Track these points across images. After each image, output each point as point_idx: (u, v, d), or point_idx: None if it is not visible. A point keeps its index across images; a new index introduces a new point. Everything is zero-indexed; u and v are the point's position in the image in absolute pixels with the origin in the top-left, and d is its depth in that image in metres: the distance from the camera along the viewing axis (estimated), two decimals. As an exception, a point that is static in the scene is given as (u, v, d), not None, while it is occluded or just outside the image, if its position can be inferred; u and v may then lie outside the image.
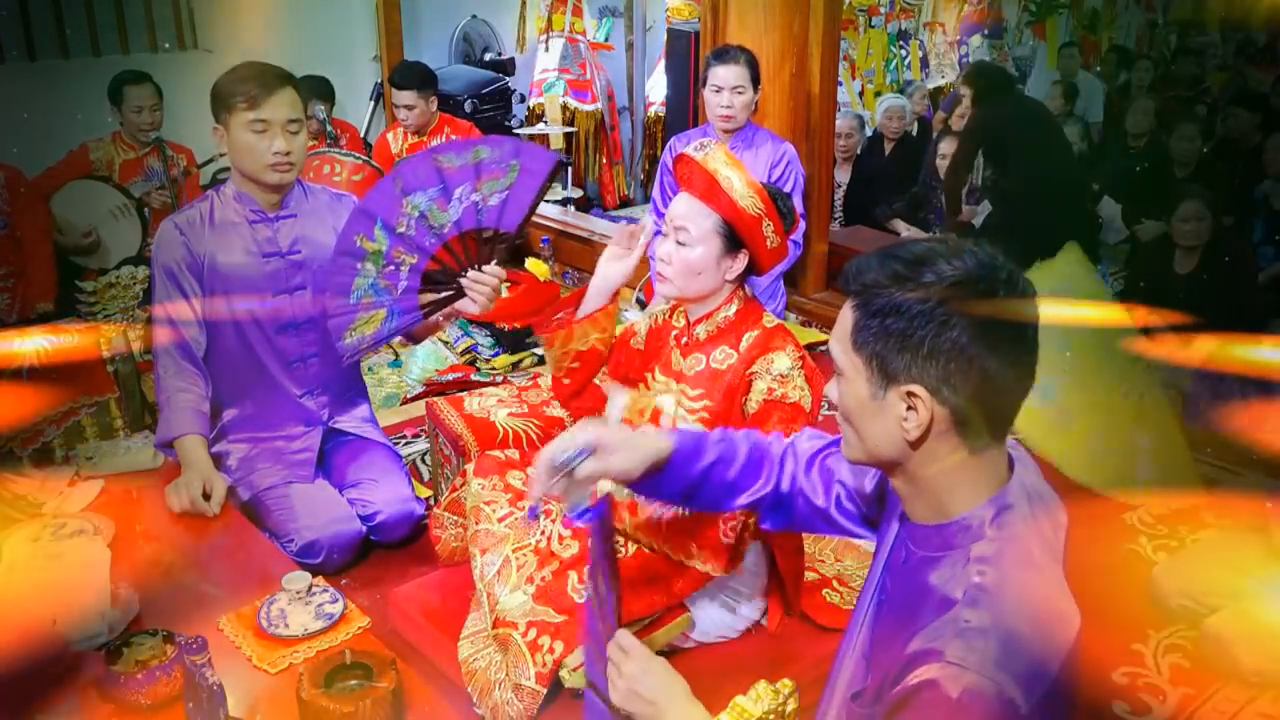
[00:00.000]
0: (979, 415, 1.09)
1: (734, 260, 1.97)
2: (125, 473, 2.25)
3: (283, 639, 1.67)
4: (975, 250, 1.10)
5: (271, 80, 2.35)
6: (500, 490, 2.13)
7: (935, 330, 1.06)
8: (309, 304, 2.52)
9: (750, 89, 3.45)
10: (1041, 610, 1.09)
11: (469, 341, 3.96)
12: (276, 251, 2.47)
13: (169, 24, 4.91)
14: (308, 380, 2.59)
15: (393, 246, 2.30)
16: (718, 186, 1.91)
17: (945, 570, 1.14)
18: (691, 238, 1.94)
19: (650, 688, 1.28)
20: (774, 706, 1.22)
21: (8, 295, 3.78)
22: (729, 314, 2.02)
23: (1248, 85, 7.20)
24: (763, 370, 1.94)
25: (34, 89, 4.47)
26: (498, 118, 5.87)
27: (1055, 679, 1.06)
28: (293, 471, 2.52)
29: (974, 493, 1.15)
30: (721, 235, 1.94)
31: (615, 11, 6.81)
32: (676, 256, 1.96)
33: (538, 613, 1.90)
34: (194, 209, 2.47)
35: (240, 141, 2.36)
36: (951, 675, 1.03)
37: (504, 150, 2.32)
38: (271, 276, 2.47)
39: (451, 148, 2.35)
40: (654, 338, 2.17)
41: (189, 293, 2.42)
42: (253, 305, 2.46)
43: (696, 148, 1.95)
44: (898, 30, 7.92)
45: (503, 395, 2.67)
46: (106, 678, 1.50)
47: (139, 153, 4.15)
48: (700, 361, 2.03)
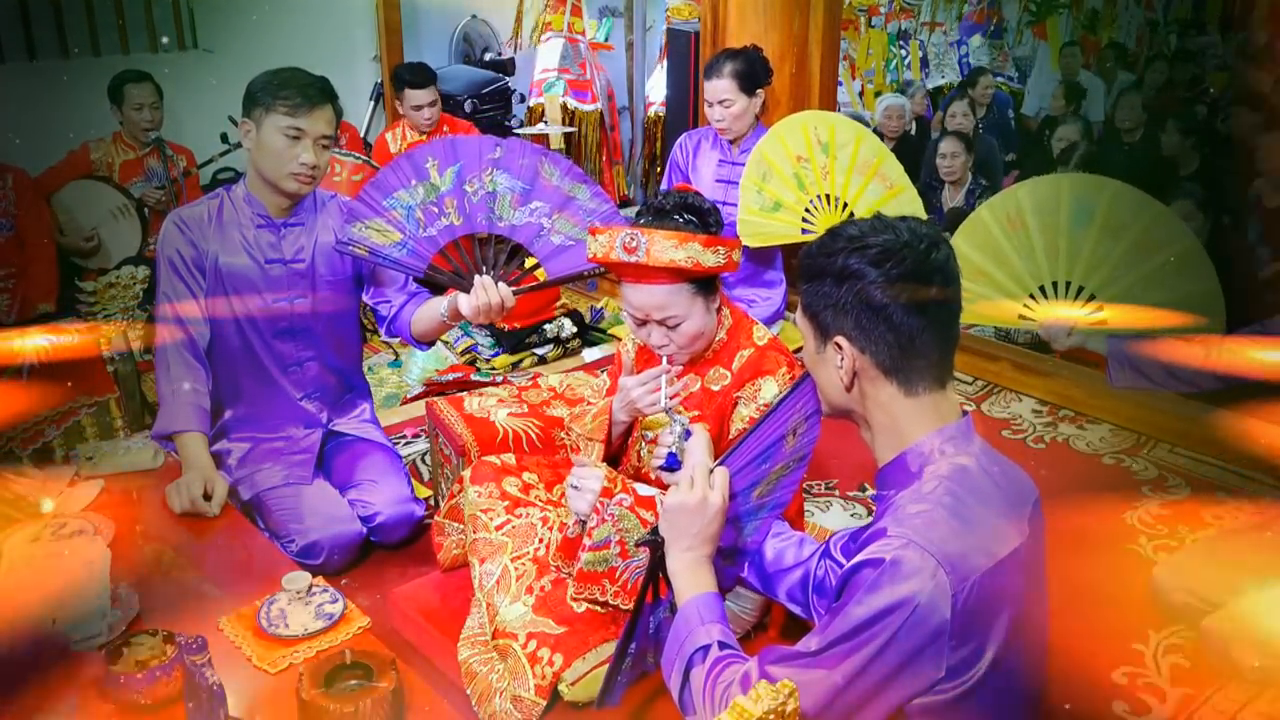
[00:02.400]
0: (899, 359, 1.30)
1: (713, 298, 1.96)
2: (125, 473, 2.25)
3: (283, 639, 1.67)
4: (904, 226, 1.30)
5: (316, 94, 2.35)
6: (497, 498, 2.13)
7: (849, 289, 1.29)
8: (308, 312, 2.52)
9: (740, 98, 3.43)
10: (977, 514, 1.24)
11: (469, 341, 3.96)
12: (279, 258, 2.47)
13: (169, 24, 4.90)
14: (305, 383, 2.60)
15: (451, 195, 2.25)
16: (681, 270, 1.85)
17: (904, 493, 1.30)
18: (679, 315, 1.91)
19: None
20: (774, 706, 1.22)
21: (8, 296, 3.78)
22: (721, 336, 2.02)
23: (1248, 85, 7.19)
24: (749, 396, 1.94)
25: (34, 89, 4.47)
26: (498, 118, 5.87)
27: (987, 594, 1.20)
28: (293, 471, 2.52)
29: (920, 425, 1.32)
30: (699, 292, 1.92)
31: (615, 11, 6.80)
32: (675, 336, 1.93)
33: (537, 624, 1.90)
34: (202, 205, 2.47)
35: (270, 143, 2.34)
36: (886, 544, 1.20)
37: (601, 207, 2.31)
38: (272, 282, 2.47)
39: (562, 165, 2.34)
40: (645, 359, 2.17)
41: (193, 288, 2.41)
42: (252, 307, 2.46)
43: (626, 248, 1.83)
44: (898, 30, 7.91)
45: (503, 395, 2.66)
46: (106, 678, 1.50)
47: (139, 153, 4.15)
48: (695, 382, 2.03)
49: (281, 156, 2.34)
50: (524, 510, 2.12)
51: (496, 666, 1.91)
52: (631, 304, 1.92)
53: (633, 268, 1.87)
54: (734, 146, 3.59)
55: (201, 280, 2.42)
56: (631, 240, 1.84)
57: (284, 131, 2.32)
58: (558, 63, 6.34)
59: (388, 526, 2.53)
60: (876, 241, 1.29)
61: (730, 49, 3.61)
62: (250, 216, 2.45)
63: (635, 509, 1.90)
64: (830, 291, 1.31)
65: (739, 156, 3.55)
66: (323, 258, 2.50)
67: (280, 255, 2.47)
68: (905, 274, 1.27)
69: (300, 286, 2.50)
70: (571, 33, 6.40)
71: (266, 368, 2.54)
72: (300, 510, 2.42)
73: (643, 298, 1.90)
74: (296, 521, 2.40)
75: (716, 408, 1.97)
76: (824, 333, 1.34)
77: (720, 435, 1.97)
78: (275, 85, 2.33)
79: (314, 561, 2.36)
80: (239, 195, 2.47)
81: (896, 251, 1.28)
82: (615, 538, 1.87)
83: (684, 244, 1.82)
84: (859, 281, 1.28)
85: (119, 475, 2.23)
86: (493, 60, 6.25)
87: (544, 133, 6.01)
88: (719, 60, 3.47)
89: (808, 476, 3.02)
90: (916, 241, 1.29)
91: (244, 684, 1.57)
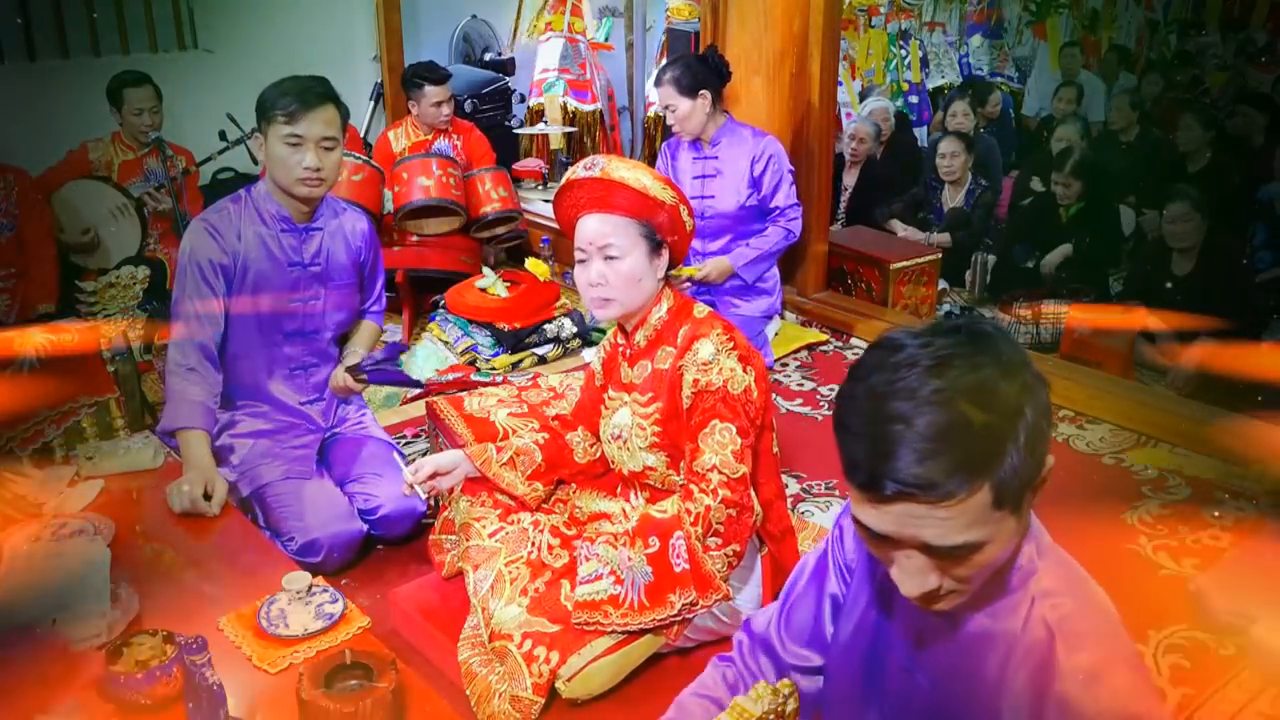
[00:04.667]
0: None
1: (660, 258, 2.01)
2: (125, 473, 2.25)
3: (283, 639, 1.67)
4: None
5: (311, 97, 2.40)
6: (489, 507, 2.14)
7: (1026, 444, 1.03)
8: (318, 312, 2.61)
9: (682, 101, 3.60)
10: (1112, 613, 1.12)
11: (469, 341, 3.96)
12: (300, 262, 2.55)
13: (169, 24, 4.90)
14: (309, 388, 2.67)
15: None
16: (629, 189, 1.93)
17: (1003, 613, 1.12)
18: (620, 248, 1.95)
19: None
20: (774, 706, 1.22)
21: (9, 296, 3.78)
22: (662, 314, 2.04)
23: (1248, 85, 7.20)
24: (690, 362, 1.95)
25: (34, 89, 4.47)
26: (498, 118, 5.87)
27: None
28: (292, 467, 2.54)
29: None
30: (645, 237, 1.97)
31: (615, 11, 6.80)
32: (612, 273, 1.97)
33: (532, 624, 1.91)
34: (226, 210, 2.52)
35: (275, 154, 2.42)
36: (1115, 690, 1.05)
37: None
38: (292, 284, 2.55)
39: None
40: (607, 365, 2.20)
41: (216, 290, 2.47)
42: (270, 309, 2.53)
43: (585, 167, 1.97)
44: (898, 30, 7.91)
45: (503, 395, 2.67)
46: (106, 678, 1.50)
47: (138, 153, 4.15)
48: (646, 368, 2.05)
49: (287, 164, 2.41)
50: (516, 516, 2.13)
51: (496, 667, 1.92)
52: (580, 239, 1.99)
53: (588, 193, 1.96)
54: (704, 143, 3.72)
55: (224, 284, 2.47)
56: (591, 162, 1.97)
57: (285, 140, 2.39)
58: (558, 63, 6.34)
59: (391, 519, 2.54)
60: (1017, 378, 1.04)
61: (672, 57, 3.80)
62: (275, 220, 2.52)
63: (612, 541, 1.92)
64: (1016, 460, 1.02)
65: (711, 151, 3.71)
66: (334, 261, 2.61)
67: (301, 259, 2.56)
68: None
69: (314, 288, 2.59)
70: (571, 33, 6.40)
71: (274, 369, 2.60)
72: (300, 508, 2.43)
73: (591, 225, 1.97)
74: (296, 519, 2.41)
75: (668, 384, 2.00)
76: (1013, 503, 1.05)
77: (674, 409, 1.99)
78: (275, 95, 2.40)
79: (314, 560, 2.36)
80: (262, 200, 2.52)
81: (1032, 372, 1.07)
82: (605, 570, 1.89)
83: (635, 168, 1.94)
84: (1029, 431, 1.03)
85: (119, 475, 2.23)
86: (493, 60, 6.25)
87: (544, 132, 6.01)
88: (661, 69, 3.72)
89: (808, 476, 3.03)
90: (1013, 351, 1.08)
91: (244, 684, 1.57)
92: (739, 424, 1.91)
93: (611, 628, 1.87)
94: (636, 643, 1.90)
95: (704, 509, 1.88)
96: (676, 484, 2.06)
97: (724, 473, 1.89)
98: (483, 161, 4.61)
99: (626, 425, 2.08)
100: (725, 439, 1.90)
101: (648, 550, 1.87)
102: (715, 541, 1.90)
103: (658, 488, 2.10)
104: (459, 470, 2.12)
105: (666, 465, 2.06)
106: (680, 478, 2.04)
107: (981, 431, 1.00)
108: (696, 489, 1.90)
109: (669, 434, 2.02)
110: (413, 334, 4.23)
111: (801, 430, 3.28)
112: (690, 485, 1.92)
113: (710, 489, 1.88)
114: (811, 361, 3.89)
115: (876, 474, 1.00)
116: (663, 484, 2.09)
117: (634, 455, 2.08)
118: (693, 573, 1.87)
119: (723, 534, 1.90)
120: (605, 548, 1.93)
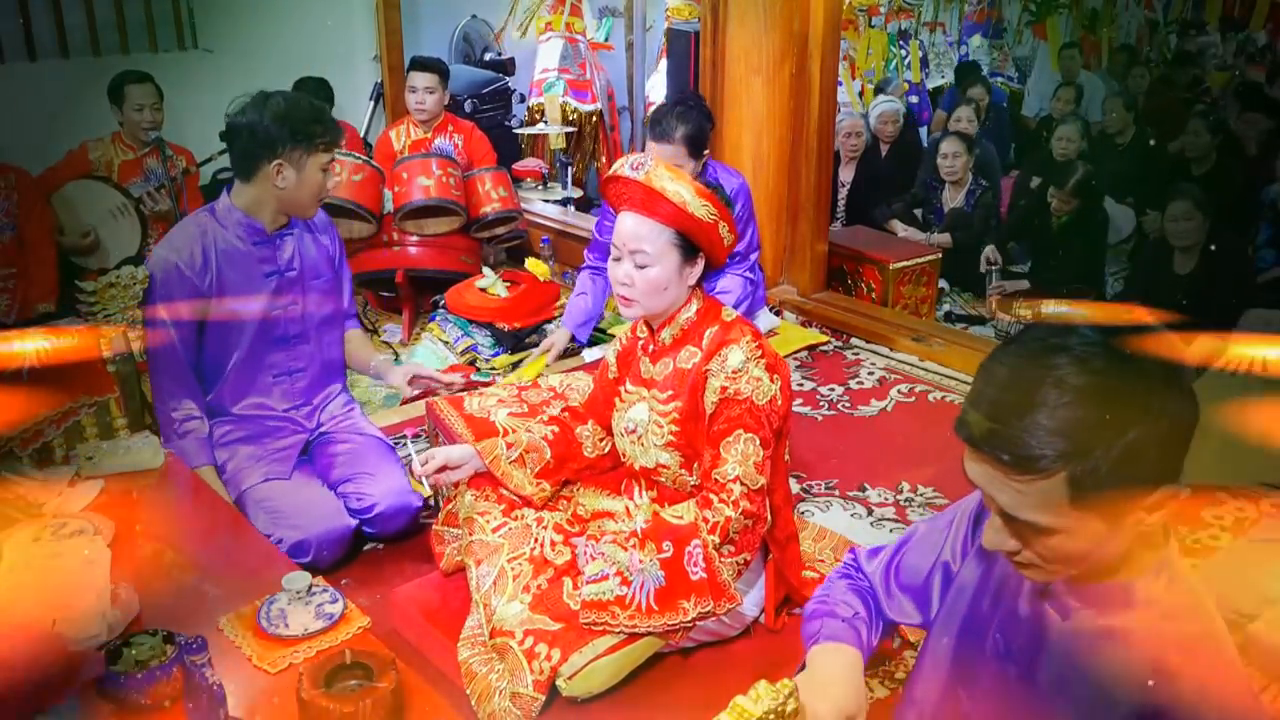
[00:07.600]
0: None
1: (693, 267, 2.00)
2: (125, 473, 2.25)
3: (283, 639, 1.67)
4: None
5: (335, 124, 2.47)
6: (493, 501, 2.14)
7: (1171, 433, 1.08)
8: (298, 316, 2.60)
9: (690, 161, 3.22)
10: (1233, 652, 1.13)
11: (469, 341, 3.96)
12: (276, 270, 2.55)
13: (169, 24, 4.90)
14: (296, 393, 2.67)
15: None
16: (668, 202, 1.92)
17: (1115, 623, 1.13)
18: (650, 256, 1.95)
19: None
20: (774, 706, 1.22)
21: (9, 296, 3.78)
22: (690, 315, 2.04)
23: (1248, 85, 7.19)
24: (717, 368, 1.95)
25: (34, 89, 4.47)
26: (498, 117, 5.87)
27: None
28: (271, 468, 2.54)
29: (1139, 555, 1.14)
30: (678, 247, 1.96)
31: (615, 11, 6.80)
32: (639, 278, 1.97)
33: (535, 621, 1.91)
34: (192, 239, 2.46)
35: (312, 179, 2.44)
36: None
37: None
38: (272, 293, 2.54)
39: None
40: (623, 358, 2.19)
41: (188, 323, 2.47)
42: (251, 320, 2.53)
43: (634, 166, 1.95)
44: (898, 30, 7.91)
45: (503, 395, 2.67)
46: (106, 678, 1.50)
47: (138, 153, 4.15)
48: (668, 365, 2.05)
49: (320, 188, 2.48)
50: (520, 512, 2.13)
51: (496, 666, 1.92)
52: (618, 235, 2.00)
53: (631, 191, 1.95)
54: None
55: (200, 311, 2.47)
56: (639, 162, 1.96)
57: (325, 167, 2.44)
58: (558, 63, 6.34)
59: (386, 516, 2.54)
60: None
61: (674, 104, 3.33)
62: (244, 234, 2.50)
63: (620, 542, 1.92)
64: (1101, 465, 1.03)
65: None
66: (309, 260, 2.61)
67: (277, 266, 2.55)
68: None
69: (294, 292, 2.59)
70: (571, 33, 6.40)
71: (261, 375, 2.61)
72: (285, 510, 2.44)
73: (628, 224, 1.98)
74: (283, 521, 2.42)
75: (690, 384, 2.00)
76: (1097, 506, 1.07)
77: (693, 410, 1.99)
78: (308, 123, 2.40)
79: (304, 559, 2.37)
80: (228, 215, 2.50)
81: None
82: (611, 570, 1.89)
83: (679, 179, 1.93)
84: (1127, 447, 1.03)
85: (119, 475, 2.23)
86: (493, 60, 6.25)
87: (544, 132, 6.01)
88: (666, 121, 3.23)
89: (807, 476, 3.02)
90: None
91: (244, 684, 1.57)
92: (763, 435, 1.92)
93: (619, 628, 1.87)
94: (638, 642, 1.90)
95: (724, 519, 1.88)
96: (687, 483, 2.06)
97: (746, 484, 1.90)
98: (483, 161, 4.61)
99: (643, 421, 2.07)
100: (750, 450, 1.91)
101: (661, 555, 1.87)
102: (729, 550, 1.91)
103: (667, 486, 2.10)
104: (468, 466, 2.12)
105: (679, 465, 2.05)
106: (692, 478, 2.04)
107: (1063, 425, 1.02)
108: (716, 498, 1.90)
109: (686, 434, 2.02)
110: (413, 334, 4.23)
111: (801, 430, 3.27)
112: (709, 494, 1.92)
113: (732, 500, 1.89)
114: (812, 361, 3.89)
115: (962, 419, 1.09)
116: (673, 483, 2.09)
117: (647, 451, 2.08)
118: (709, 581, 1.87)
119: (737, 543, 1.92)
120: (612, 548, 1.93)
